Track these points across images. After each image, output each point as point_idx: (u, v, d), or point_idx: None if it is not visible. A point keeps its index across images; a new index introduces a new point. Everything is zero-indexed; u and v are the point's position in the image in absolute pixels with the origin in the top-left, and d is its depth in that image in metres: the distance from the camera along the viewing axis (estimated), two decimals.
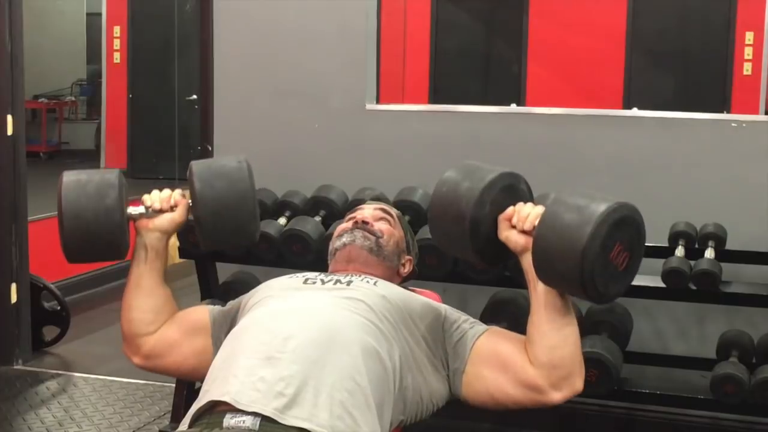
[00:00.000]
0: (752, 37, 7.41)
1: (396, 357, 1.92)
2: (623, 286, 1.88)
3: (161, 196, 2.15)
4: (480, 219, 1.93)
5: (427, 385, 2.00)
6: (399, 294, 2.06)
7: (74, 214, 2.04)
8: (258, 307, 2.01)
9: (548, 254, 1.82)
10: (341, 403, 1.76)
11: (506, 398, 1.99)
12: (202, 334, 2.14)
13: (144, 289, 2.14)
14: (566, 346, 1.92)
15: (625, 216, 1.83)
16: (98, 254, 2.11)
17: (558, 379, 1.92)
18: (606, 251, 1.79)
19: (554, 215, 1.83)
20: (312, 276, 2.09)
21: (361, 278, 2.07)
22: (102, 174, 2.11)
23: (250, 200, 2.09)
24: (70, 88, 11.56)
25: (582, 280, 1.78)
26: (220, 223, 2.08)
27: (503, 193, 1.97)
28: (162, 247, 2.15)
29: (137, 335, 2.14)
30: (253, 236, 2.15)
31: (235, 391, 1.76)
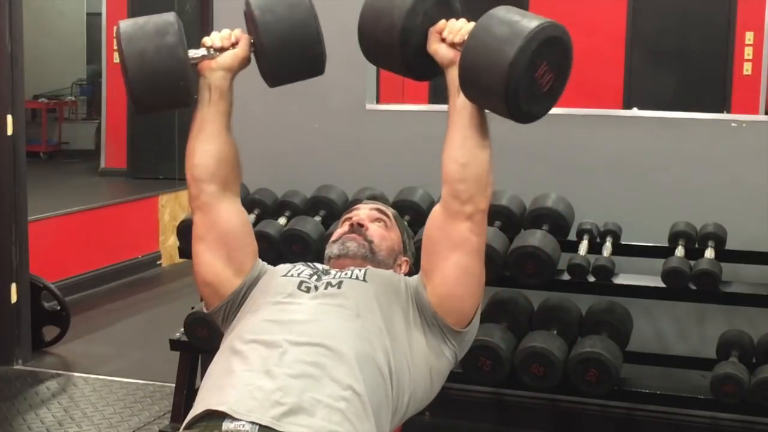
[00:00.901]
0: (752, 37, 7.41)
1: (392, 361, 1.92)
2: (545, 108, 1.89)
3: (221, 34, 2.09)
4: (411, 29, 1.93)
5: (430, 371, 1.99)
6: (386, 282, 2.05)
7: (137, 54, 1.94)
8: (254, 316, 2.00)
9: (475, 66, 1.81)
10: (340, 412, 1.76)
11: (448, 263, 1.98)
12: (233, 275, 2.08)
13: (207, 133, 2.07)
14: (475, 164, 1.93)
15: (556, 36, 1.83)
16: (166, 97, 1.99)
17: (464, 197, 1.93)
18: (532, 68, 1.79)
19: (485, 27, 1.82)
20: (306, 277, 2.08)
21: (350, 274, 2.06)
22: (160, 15, 2.02)
23: (314, 22, 2.04)
24: (70, 88, 11.57)
25: (506, 93, 1.78)
26: (287, 49, 2.02)
27: (436, 7, 1.96)
28: (227, 87, 2.09)
29: (198, 180, 2.07)
30: (321, 61, 2.09)
31: (233, 400, 1.76)
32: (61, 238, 5.60)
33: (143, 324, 5.18)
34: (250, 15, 2.04)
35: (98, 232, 5.99)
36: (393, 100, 4.18)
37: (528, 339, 2.96)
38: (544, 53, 1.80)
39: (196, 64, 2.05)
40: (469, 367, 2.87)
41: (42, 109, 10.65)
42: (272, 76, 2.08)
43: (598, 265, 2.99)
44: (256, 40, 2.04)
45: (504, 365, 2.91)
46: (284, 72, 2.10)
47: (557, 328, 3.03)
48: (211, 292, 2.10)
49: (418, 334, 2.01)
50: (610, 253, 3.04)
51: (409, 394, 1.96)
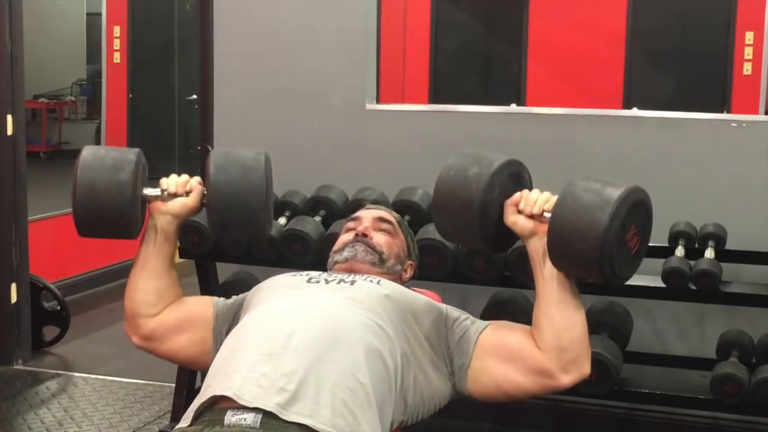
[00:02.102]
0: (752, 37, 7.40)
1: (398, 357, 1.92)
2: (634, 269, 1.93)
3: (177, 180, 2.15)
4: (489, 203, 1.96)
5: (429, 385, 2.00)
6: (402, 293, 2.06)
7: (87, 185, 2.03)
8: (261, 305, 2.01)
9: (566, 235, 1.85)
10: (343, 401, 1.76)
11: (515, 387, 1.99)
12: (202, 326, 2.14)
13: (150, 272, 2.15)
14: (575, 329, 1.95)
15: (640, 199, 1.89)
16: (107, 229, 2.09)
17: (567, 363, 1.94)
18: (624, 232, 1.84)
19: (572, 196, 1.87)
20: (315, 275, 2.10)
21: (364, 278, 2.08)
22: (122, 151, 2.11)
23: (263, 191, 2.09)
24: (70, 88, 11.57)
25: (601, 260, 1.82)
26: (230, 212, 2.08)
27: (509, 180, 2.00)
28: (172, 231, 2.15)
29: (139, 315, 2.16)
30: (263, 229, 2.14)
31: (238, 386, 1.76)
32: (61, 238, 5.58)
33: None
34: (206, 169, 2.10)
35: None
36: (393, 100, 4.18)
37: None
38: (632, 217, 1.85)
39: (148, 202, 2.13)
40: None
41: (42, 109, 10.65)
42: (215, 232, 2.16)
43: None
44: (207, 197, 2.10)
45: None
46: (224, 230, 2.16)
47: None
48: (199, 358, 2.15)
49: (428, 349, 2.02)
50: None
51: (413, 394, 1.96)
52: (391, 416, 1.89)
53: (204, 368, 2.11)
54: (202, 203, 2.14)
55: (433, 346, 2.02)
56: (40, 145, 10.16)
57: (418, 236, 2.88)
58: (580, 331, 1.95)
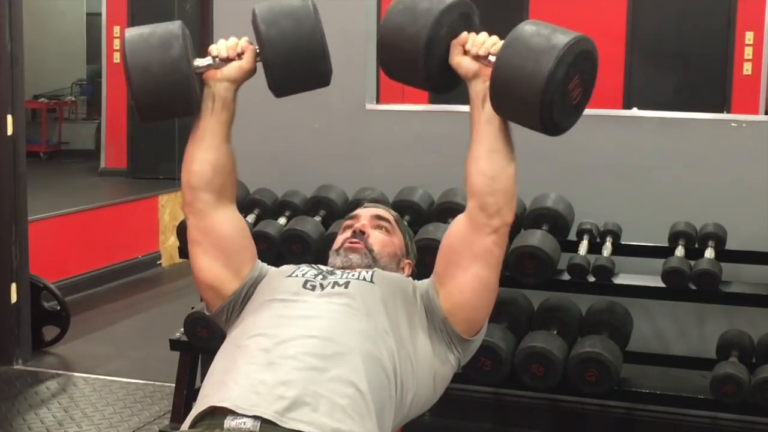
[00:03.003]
0: (752, 37, 7.40)
1: (396, 360, 1.92)
2: (573, 121, 1.90)
3: (227, 44, 2.09)
4: (436, 40, 1.94)
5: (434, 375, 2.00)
6: (393, 285, 2.06)
7: (141, 69, 1.96)
8: (258, 313, 2.00)
9: (510, 77, 1.82)
10: (342, 409, 1.76)
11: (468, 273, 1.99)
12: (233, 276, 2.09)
13: (207, 142, 2.08)
14: (502, 177, 1.95)
15: (587, 49, 1.86)
16: (169, 109, 2.02)
17: (491, 210, 1.95)
18: (567, 80, 1.81)
19: (520, 38, 1.83)
20: (311, 276, 2.08)
21: (358, 275, 2.07)
22: (165, 26, 2.04)
23: (319, 37, 2.04)
24: (70, 88, 11.57)
25: (541, 105, 1.80)
26: (290, 65, 2.02)
27: (459, 19, 1.97)
28: (230, 97, 2.09)
29: (193, 187, 2.08)
30: (326, 75, 2.09)
31: (236, 396, 1.76)
32: (61, 238, 5.60)
33: (143, 324, 5.17)
34: (255, 28, 2.04)
35: (98, 232, 5.99)
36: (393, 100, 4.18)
37: (528, 339, 2.96)
38: (577, 66, 1.83)
39: (200, 73, 2.05)
40: (469, 367, 2.86)
41: (42, 109, 10.65)
42: (277, 89, 2.08)
43: (598, 265, 2.99)
44: (261, 54, 2.04)
45: (504, 365, 2.91)
46: (289, 86, 2.10)
47: (557, 328, 3.03)
48: (212, 294, 2.11)
49: (424, 338, 2.02)
50: (610, 253, 3.04)
51: (412, 395, 1.96)
52: (391, 422, 1.89)
53: (207, 305, 2.13)
54: (258, 62, 2.08)
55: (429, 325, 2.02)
56: (40, 145, 10.16)
57: (418, 236, 2.88)
58: (506, 179, 1.95)
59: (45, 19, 10.84)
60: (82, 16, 11.54)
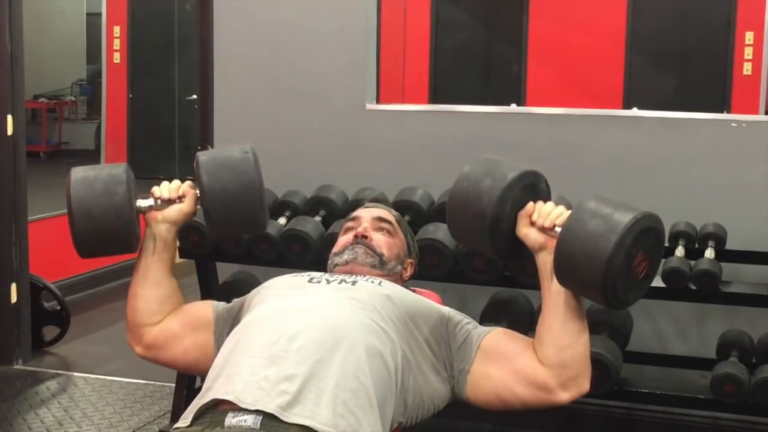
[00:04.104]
0: (752, 37, 7.40)
1: (399, 358, 1.92)
2: (641, 292, 1.92)
3: (170, 186, 2.16)
4: (501, 217, 1.96)
5: (429, 387, 2.00)
6: (403, 296, 2.06)
7: (84, 214, 2.04)
8: (262, 305, 2.01)
9: (571, 259, 1.84)
10: (344, 403, 1.77)
11: (513, 397, 2.00)
12: (204, 329, 2.15)
13: (150, 280, 2.16)
14: (577, 348, 1.94)
15: (649, 226, 1.86)
16: (109, 250, 2.13)
17: (567, 379, 1.94)
18: (629, 260, 1.82)
19: (579, 221, 1.85)
20: (317, 275, 2.10)
21: (365, 279, 2.08)
22: (109, 170, 2.11)
23: (257, 190, 2.11)
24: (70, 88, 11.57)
25: (604, 288, 1.81)
26: (229, 214, 2.10)
27: (524, 192, 1.99)
28: (170, 238, 2.16)
29: (141, 324, 2.17)
30: (262, 225, 2.18)
31: (239, 390, 1.76)
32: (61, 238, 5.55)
33: None
34: (198, 176, 2.11)
35: None
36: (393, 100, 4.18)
37: None
38: (639, 245, 1.83)
39: (142, 213, 2.14)
40: None
41: (42, 109, 10.65)
42: (213, 234, 2.22)
43: None
44: (202, 202, 2.11)
45: None
46: (225, 232, 2.24)
47: None
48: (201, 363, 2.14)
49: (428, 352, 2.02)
50: None
51: (412, 393, 1.96)
52: (391, 417, 1.89)
53: (205, 373, 2.10)
54: (197, 206, 2.15)
55: (433, 350, 2.02)
56: (40, 145, 10.16)
57: (418, 236, 2.88)
58: (582, 350, 1.95)
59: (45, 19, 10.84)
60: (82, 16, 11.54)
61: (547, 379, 1.94)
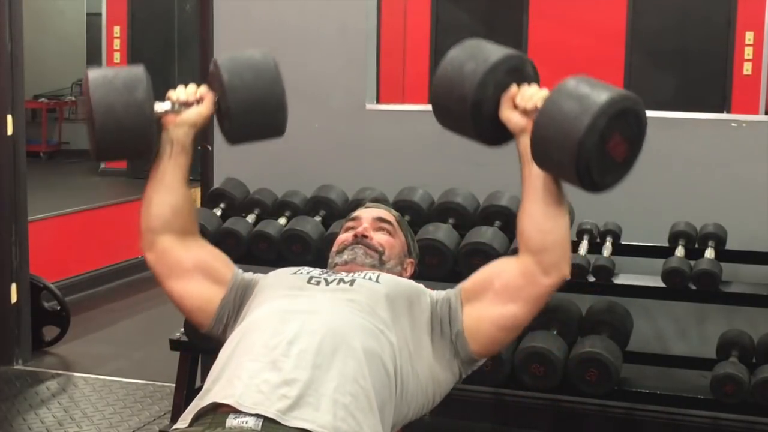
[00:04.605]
0: (752, 37, 7.40)
1: (398, 359, 1.92)
2: (620, 176, 1.88)
3: (187, 90, 2.12)
4: (482, 101, 1.94)
5: (431, 378, 2.00)
6: (399, 289, 2.05)
7: (104, 109, 1.97)
8: (263, 306, 2.00)
9: (545, 141, 1.82)
10: (345, 406, 1.76)
11: (510, 316, 1.98)
12: (215, 287, 2.11)
13: (165, 185, 2.10)
14: (558, 231, 1.94)
15: (627, 107, 1.82)
16: (128, 150, 2.05)
17: (548, 265, 1.94)
18: (603, 142, 1.78)
19: (554, 103, 1.82)
20: (316, 274, 2.09)
21: (363, 275, 2.07)
22: (129, 69, 2.06)
23: (279, 89, 2.08)
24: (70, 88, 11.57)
25: (577, 169, 1.79)
26: (250, 114, 2.06)
27: (508, 75, 1.96)
28: (188, 142, 2.11)
29: (154, 230, 2.11)
30: (282, 127, 2.14)
31: (239, 393, 1.76)
32: (61, 238, 5.60)
33: (143, 324, 5.17)
34: (218, 77, 2.07)
35: (98, 232, 5.99)
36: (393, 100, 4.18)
37: (528, 339, 2.96)
38: (615, 126, 1.79)
39: (159, 118, 2.08)
40: None
41: (42, 109, 10.65)
42: (232, 136, 2.12)
43: (598, 265, 2.99)
44: (222, 103, 2.07)
45: (504, 365, 2.92)
46: (246, 134, 2.14)
47: (557, 328, 3.03)
48: (200, 313, 2.12)
49: (428, 342, 2.02)
50: (610, 253, 3.05)
51: (412, 395, 1.96)
52: (392, 419, 1.90)
53: (198, 326, 2.14)
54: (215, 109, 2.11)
55: (434, 332, 2.02)
56: (40, 145, 10.16)
57: (418, 236, 2.88)
58: (562, 233, 1.94)
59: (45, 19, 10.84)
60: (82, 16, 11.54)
61: (529, 266, 1.95)
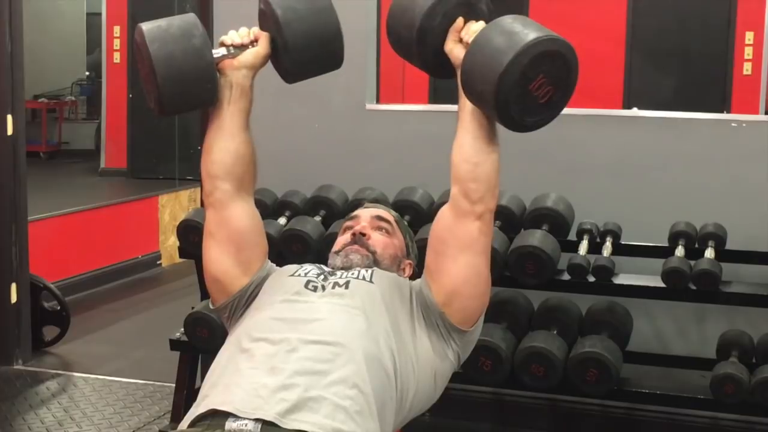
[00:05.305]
0: (752, 37, 7.40)
1: (396, 360, 1.92)
2: (543, 119, 1.89)
3: (240, 32, 2.10)
4: (428, 29, 1.95)
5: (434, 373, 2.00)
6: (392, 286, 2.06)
7: (165, 59, 1.94)
8: (262, 312, 2.00)
9: (472, 73, 1.84)
10: (344, 410, 1.77)
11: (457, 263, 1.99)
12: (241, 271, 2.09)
13: (226, 131, 2.07)
14: (486, 165, 1.95)
15: (554, 50, 1.82)
16: (194, 98, 2.01)
17: (475, 197, 1.96)
18: (525, 80, 1.79)
19: (485, 36, 1.84)
20: (313, 276, 2.08)
21: (357, 274, 2.07)
22: (181, 17, 2.03)
23: (333, 18, 2.07)
24: (70, 88, 11.57)
25: (496, 103, 1.80)
26: (308, 47, 2.04)
27: (459, 8, 1.97)
28: (248, 85, 2.08)
29: (214, 176, 2.08)
30: (340, 56, 2.13)
31: (238, 400, 1.76)
32: (61, 238, 5.60)
33: (143, 324, 5.17)
34: (270, 13, 2.04)
35: (98, 232, 5.99)
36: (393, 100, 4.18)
37: (528, 339, 2.96)
38: (539, 66, 1.80)
39: (216, 64, 2.04)
40: (469, 367, 2.87)
41: (42, 109, 10.64)
42: (293, 73, 2.10)
43: (598, 265, 2.99)
44: (279, 38, 2.04)
45: (504, 365, 2.91)
46: (306, 69, 2.12)
47: (557, 328, 3.03)
48: (219, 288, 2.11)
49: (423, 337, 2.02)
50: (610, 253, 3.04)
51: (413, 394, 1.96)
52: (392, 422, 1.90)
53: (214, 297, 2.13)
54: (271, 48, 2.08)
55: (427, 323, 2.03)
56: (40, 145, 10.14)
57: (418, 236, 2.88)
58: (491, 167, 1.96)
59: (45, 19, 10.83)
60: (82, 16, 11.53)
61: (457, 201, 1.97)
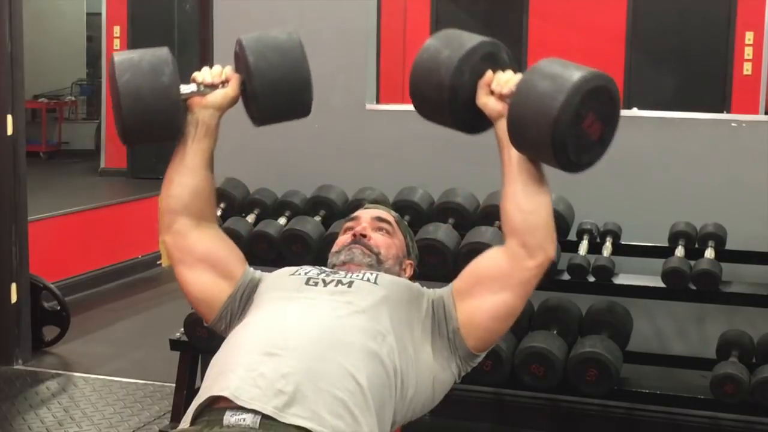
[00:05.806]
0: (752, 37, 7.40)
1: (396, 360, 1.92)
2: (596, 155, 1.89)
3: (212, 71, 2.11)
4: (458, 87, 1.95)
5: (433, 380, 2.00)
6: (399, 289, 2.06)
7: (131, 93, 1.97)
8: (261, 310, 2.00)
9: (521, 121, 1.83)
10: (342, 403, 1.76)
11: (502, 304, 1.98)
12: (224, 282, 2.11)
13: (187, 167, 2.09)
14: (540, 212, 1.95)
15: (599, 85, 1.83)
16: (156, 134, 2.05)
17: (533, 246, 1.94)
18: (578, 120, 1.80)
19: (528, 83, 1.84)
20: (314, 275, 2.09)
21: (362, 276, 2.07)
22: (153, 51, 2.05)
23: (305, 70, 2.09)
24: (70, 88, 11.57)
25: (553, 148, 1.80)
26: (276, 95, 2.07)
27: (483, 62, 1.97)
28: (213, 124, 2.10)
29: (171, 211, 2.10)
30: (308, 106, 2.15)
31: (235, 386, 1.76)
32: (61, 238, 5.60)
33: (143, 324, 5.17)
34: (243, 59, 2.06)
35: (98, 232, 5.99)
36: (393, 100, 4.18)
37: (528, 339, 2.96)
38: (588, 105, 1.81)
39: (184, 100, 2.07)
40: None
41: (42, 109, 10.65)
42: (260, 118, 2.13)
43: (598, 265, 2.99)
44: (248, 85, 2.07)
45: (504, 365, 2.92)
46: (273, 116, 2.15)
47: (557, 328, 3.03)
48: (206, 305, 2.12)
49: (426, 342, 2.02)
50: (610, 253, 3.04)
51: (412, 396, 1.96)
52: (391, 420, 1.89)
53: (203, 318, 2.14)
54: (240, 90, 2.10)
55: (433, 332, 2.02)
56: (40, 145, 10.15)
57: (418, 236, 2.88)
58: (545, 214, 1.96)
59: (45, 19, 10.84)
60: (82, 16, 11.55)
61: (514, 250, 1.96)
